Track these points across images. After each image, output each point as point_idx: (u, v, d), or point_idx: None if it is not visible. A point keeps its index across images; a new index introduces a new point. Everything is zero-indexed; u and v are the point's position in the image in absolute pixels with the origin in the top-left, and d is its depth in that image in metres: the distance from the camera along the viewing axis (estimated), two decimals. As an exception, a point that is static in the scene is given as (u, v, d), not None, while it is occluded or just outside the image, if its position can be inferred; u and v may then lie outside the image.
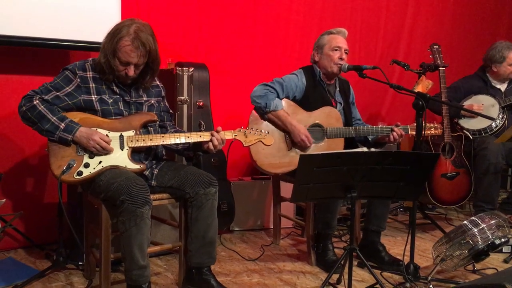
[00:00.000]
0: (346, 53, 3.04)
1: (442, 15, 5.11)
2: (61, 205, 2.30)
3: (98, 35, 2.44)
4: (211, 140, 2.42)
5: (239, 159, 3.80)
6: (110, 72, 2.33)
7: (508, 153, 3.70)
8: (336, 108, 3.10)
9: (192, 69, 3.22)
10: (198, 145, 2.50)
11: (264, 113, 2.91)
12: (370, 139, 3.16)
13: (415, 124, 2.56)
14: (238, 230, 3.59)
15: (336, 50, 3.01)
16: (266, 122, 2.94)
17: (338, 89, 3.17)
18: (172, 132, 2.54)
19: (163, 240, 2.90)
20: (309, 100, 3.02)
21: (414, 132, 2.93)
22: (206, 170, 2.48)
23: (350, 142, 3.10)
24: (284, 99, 2.98)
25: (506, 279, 1.84)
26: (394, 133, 2.99)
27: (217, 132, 2.44)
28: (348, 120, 3.16)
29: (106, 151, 2.28)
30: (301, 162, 2.03)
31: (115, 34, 2.29)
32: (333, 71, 3.03)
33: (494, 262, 2.98)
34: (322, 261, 2.91)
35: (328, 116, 3.02)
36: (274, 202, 3.38)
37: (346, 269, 2.26)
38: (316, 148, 2.97)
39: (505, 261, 3.02)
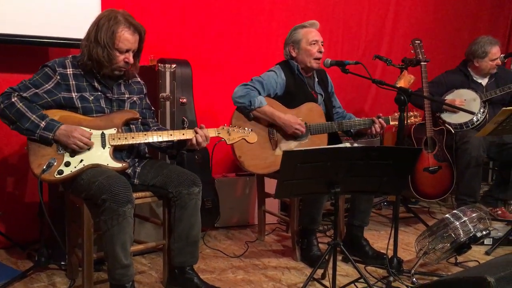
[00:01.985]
0: (322, 44, 3.05)
1: (424, 11, 5.14)
2: (42, 204, 2.27)
3: (78, 31, 2.40)
4: (195, 137, 2.39)
5: (223, 156, 3.78)
6: (109, 65, 2.31)
7: (489, 147, 3.74)
8: (317, 100, 3.10)
9: (175, 65, 3.19)
10: (182, 143, 2.47)
11: (249, 111, 2.88)
12: (352, 131, 3.18)
13: (396, 115, 2.57)
14: (222, 227, 3.58)
15: (313, 44, 3.02)
16: (250, 121, 2.92)
17: (316, 80, 3.18)
18: (155, 130, 2.52)
19: (147, 238, 2.88)
20: (290, 95, 3.02)
21: (395, 123, 2.98)
22: (190, 168, 2.46)
23: (333, 135, 3.11)
24: (266, 97, 2.96)
25: (487, 271, 1.86)
26: (376, 126, 3.01)
27: (201, 129, 2.42)
28: (329, 111, 3.17)
29: (87, 148, 2.24)
30: (285, 158, 2.03)
31: (108, 26, 2.26)
32: (312, 66, 3.04)
33: (476, 254, 3.02)
34: (306, 256, 2.92)
35: (311, 112, 3.02)
36: (258, 198, 3.37)
37: (331, 264, 2.27)
38: (300, 146, 2.97)
39: (487, 253, 3.06)
